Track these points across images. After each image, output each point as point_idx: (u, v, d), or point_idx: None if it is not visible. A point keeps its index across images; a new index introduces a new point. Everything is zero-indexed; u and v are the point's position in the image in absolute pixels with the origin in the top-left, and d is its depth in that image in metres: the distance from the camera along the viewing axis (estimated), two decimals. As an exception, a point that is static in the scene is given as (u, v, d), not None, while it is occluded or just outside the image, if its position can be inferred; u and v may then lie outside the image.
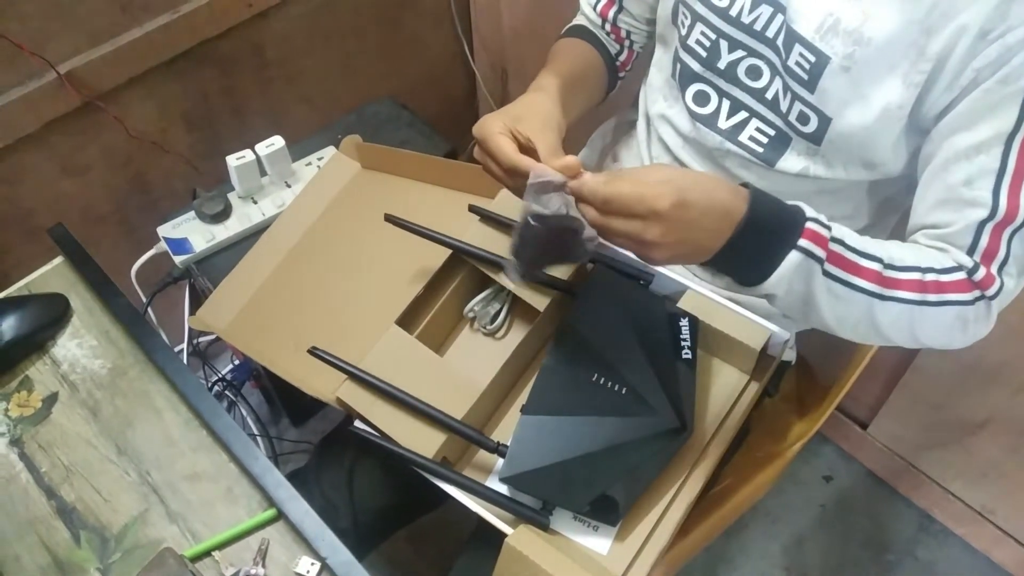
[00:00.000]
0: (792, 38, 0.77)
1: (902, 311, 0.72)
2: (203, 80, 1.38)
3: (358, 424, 0.83)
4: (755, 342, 0.79)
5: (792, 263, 0.67)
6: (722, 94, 0.88)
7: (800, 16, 0.77)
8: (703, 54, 0.87)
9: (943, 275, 0.72)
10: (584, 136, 1.14)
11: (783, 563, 1.54)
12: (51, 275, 1.03)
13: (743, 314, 0.81)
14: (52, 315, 0.97)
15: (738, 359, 0.82)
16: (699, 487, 0.78)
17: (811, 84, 0.77)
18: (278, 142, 1.21)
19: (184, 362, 1.08)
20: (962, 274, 0.73)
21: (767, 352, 0.81)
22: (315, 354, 0.85)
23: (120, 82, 1.25)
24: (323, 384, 0.85)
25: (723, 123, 0.88)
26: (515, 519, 0.77)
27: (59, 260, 1.04)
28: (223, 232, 1.20)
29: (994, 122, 0.70)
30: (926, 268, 0.72)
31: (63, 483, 0.86)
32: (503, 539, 0.73)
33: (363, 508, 0.99)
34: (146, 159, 1.38)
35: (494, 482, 0.81)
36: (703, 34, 0.85)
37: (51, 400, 0.93)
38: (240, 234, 1.21)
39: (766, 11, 0.80)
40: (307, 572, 0.79)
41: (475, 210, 0.90)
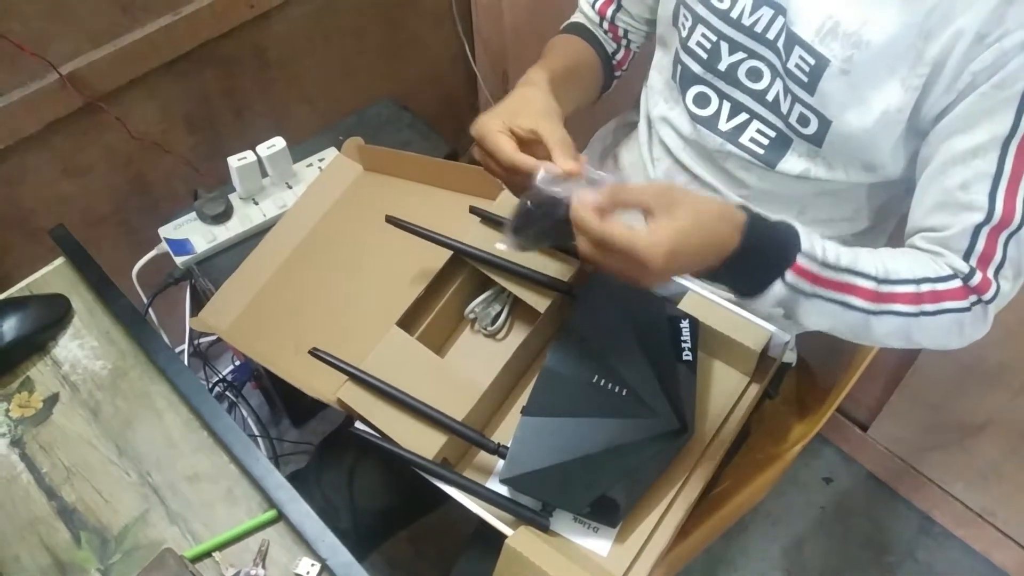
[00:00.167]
0: (792, 40, 0.77)
1: (899, 323, 0.73)
2: (204, 81, 1.38)
3: (359, 425, 0.83)
4: (755, 344, 0.79)
5: (776, 293, 0.70)
6: (723, 96, 0.88)
7: (800, 19, 0.77)
8: (704, 56, 0.87)
9: (939, 283, 0.73)
10: (585, 138, 1.14)
11: (783, 564, 1.54)
12: (52, 276, 1.03)
13: (743, 316, 0.81)
14: (53, 316, 0.97)
15: (738, 361, 0.82)
16: (699, 489, 0.78)
17: (811, 86, 0.77)
18: (279, 143, 1.21)
19: (185, 363, 1.07)
20: (958, 281, 0.73)
21: (767, 354, 0.81)
22: (316, 355, 0.85)
23: (121, 83, 1.26)
24: (324, 385, 0.85)
25: (724, 125, 0.88)
26: (515, 520, 0.77)
27: (60, 261, 1.04)
28: (224, 233, 1.20)
29: (990, 126, 0.71)
30: (921, 279, 0.73)
31: (64, 484, 0.86)
32: (503, 540, 0.73)
33: (363, 509, 0.99)
34: (147, 160, 1.38)
35: (494, 483, 0.81)
36: (704, 36, 0.86)
37: (52, 401, 0.93)
38: (241, 235, 1.21)
39: (767, 13, 0.80)
40: (307, 573, 0.79)
41: (476, 212, 0.90)
